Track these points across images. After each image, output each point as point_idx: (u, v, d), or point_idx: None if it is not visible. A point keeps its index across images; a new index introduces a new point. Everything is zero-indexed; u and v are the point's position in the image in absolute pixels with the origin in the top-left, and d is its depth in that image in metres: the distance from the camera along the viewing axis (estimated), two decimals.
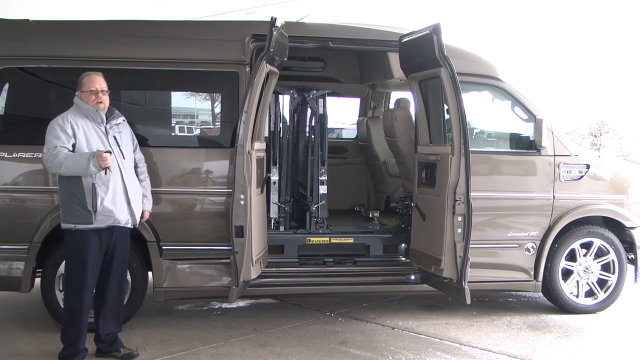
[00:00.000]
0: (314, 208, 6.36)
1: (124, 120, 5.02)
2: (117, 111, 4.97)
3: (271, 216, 6.32)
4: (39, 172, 5.47)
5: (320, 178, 6.44)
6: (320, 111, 6.58)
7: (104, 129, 4.83)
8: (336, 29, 6.27)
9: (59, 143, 4.63)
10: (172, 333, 5.73)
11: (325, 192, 6.46)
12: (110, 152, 4.66)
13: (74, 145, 4.68)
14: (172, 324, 6.00)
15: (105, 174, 4.68)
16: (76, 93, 4.83)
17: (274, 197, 6.38)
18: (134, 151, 5.14)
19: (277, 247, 6.21)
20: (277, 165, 6.50)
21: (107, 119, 4.85)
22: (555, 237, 6.31)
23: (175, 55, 5.72)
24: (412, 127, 6.66)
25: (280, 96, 6.70)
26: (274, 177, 6.43)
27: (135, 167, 5.12)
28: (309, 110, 6.83)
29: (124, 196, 4.83)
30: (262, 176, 5.79)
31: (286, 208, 6.39)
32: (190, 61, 5.75)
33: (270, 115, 6.45)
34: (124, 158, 4.87)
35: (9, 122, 5.71)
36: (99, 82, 4.82)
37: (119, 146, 4.87)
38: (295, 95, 6.69)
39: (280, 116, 6.67)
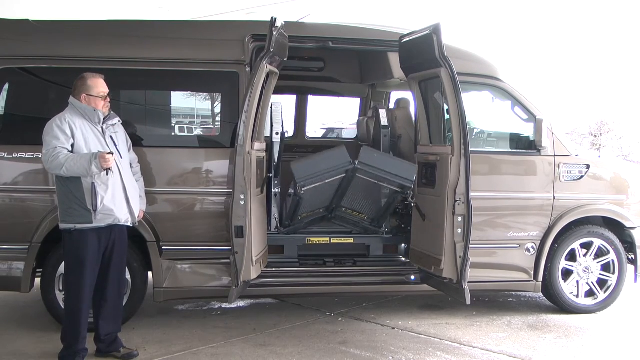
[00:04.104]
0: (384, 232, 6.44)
1: (119, 121, 5.03)
2: (112, 112, 4.97)
3: (272, 228, 6.30)
4: (39, 172, 5.46)
5: None
6: None
7: (100, 129, 4.84)
8: (336, 29, 6.26)
9: (58, 144, 4.63)
10: (172, 333, 5.73)
11: None
12: (112, 153, 4.68)
13: (72, 146, 4.68)
14: (172, 324, 6.00)
15: (107, 174, 4.69)
16: (81, 95, 4.77)
17: (275, 210, 6.35)
18: (128, 151, 5.15)
19: (277, 247, 6.21)
20: (279, 177, 6.43)
21: (103, 120, 4.85)
22: (556, 237, 6.31)
23: (175, 55, 5.72)
24: (412, 127, 6.66)
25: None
26: (275, 190, 6.39)
27: (130, 167, 5.12)
28: None
29: (123, 195, 4.85)
30: (262, 176, 5.78)
31: (279, 234, 6.32)
32: (190, 61, 5.74)
33: (272, 124, 6.41)
34: (121, 157, 4.90)
35: (9, 122, 5.71)
36: (105, 86, 4.84)
37: (116, 146, 4.89)
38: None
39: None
